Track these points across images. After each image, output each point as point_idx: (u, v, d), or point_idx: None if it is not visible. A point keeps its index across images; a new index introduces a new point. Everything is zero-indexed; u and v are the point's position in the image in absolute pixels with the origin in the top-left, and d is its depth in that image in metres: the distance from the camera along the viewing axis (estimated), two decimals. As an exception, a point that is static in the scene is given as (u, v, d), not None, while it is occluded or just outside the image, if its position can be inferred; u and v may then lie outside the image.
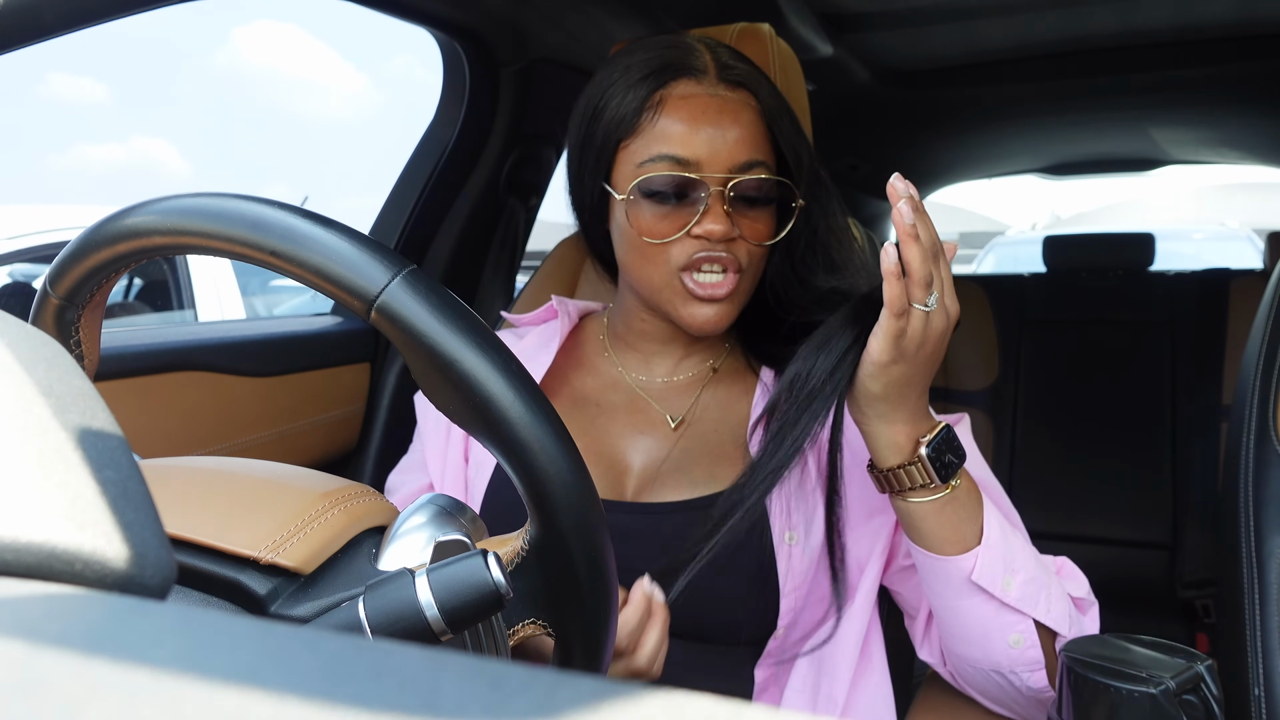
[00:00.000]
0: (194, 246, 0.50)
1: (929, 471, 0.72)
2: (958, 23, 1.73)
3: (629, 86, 0.83)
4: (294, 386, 1.27)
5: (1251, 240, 5.53)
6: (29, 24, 0.73)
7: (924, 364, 0.70)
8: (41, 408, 0.25)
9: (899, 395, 0.71)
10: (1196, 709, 0.60)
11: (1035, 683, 0.77)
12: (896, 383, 0.70)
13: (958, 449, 0.74)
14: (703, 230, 0.80)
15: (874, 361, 0.69)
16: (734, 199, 0.81)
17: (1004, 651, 0.77)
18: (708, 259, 0.81)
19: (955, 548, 0.74)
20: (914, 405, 0.72)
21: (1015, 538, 0.77)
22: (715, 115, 0.81)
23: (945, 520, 0.74)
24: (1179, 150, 2.78)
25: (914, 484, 0.73)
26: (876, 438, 0.73)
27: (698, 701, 0.16)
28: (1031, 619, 0.75)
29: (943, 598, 0.78)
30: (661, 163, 0.80)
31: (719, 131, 0.80)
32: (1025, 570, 0.75)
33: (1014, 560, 0.75)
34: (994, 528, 0.75)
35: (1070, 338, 2.48)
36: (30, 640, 0.17)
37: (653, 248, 0.82)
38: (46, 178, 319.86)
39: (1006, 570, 0.75)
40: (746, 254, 0.82)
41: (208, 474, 0.53)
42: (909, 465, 0.73)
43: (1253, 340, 0.93)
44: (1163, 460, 2.29)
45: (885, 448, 0.73)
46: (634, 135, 0.83)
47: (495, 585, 0.46)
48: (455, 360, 0.46)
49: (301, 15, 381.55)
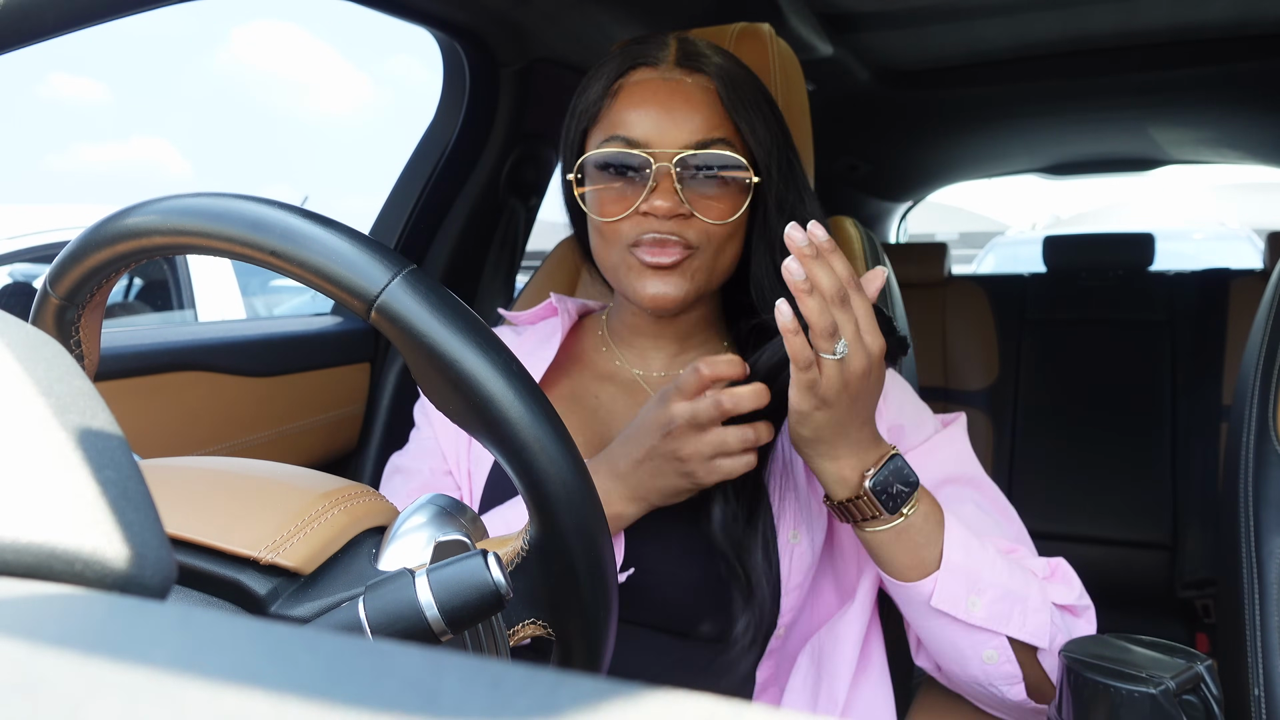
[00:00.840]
0: (194, 246, 0.50)
1: (875, 504, 0.72)
2: (958, 23, 1.73)
3: (595, 80, 0.86)
4: (294, 386, 1.27)
5: (1251, 240, 5.53)
6: (29, 24, 0.73)
7: (850, 404, 0.69)
8: (41, 408, 0.25)
9: (834, 435, 0.70)
10: (1196, 709, 0.60)
11: (1014, 696, 0.77)
12: (825, 426, 0.69)
13: (906, 477, 0.73)
14: (649, 206, 0.80)
15: (795, 410, 0.69)
16: (687, 177, 0.81)
17: (980, 667, 0.77)
18: (657, 240, 0.81)
19: (915, 573, 0.75)
20: (855, 439, 0.72)
21: (983, 554, 0.76)
22: (666, 97, 0.82)
23: (902, 548, 0.74)
24: (1179, 150, 2.78)
25: (864, 515, 0.73)
26: (823, 474, 0.74)
27: (698, 701, 0.16)
28: (1004, 635, 0.75)
29: (914, 617, 0.79)
30: (613, 143, 0.82)
31: (667, 112, 0.81)
32: (995, 588, 0.75)
33: (980, 579, 0.75)
34: (956, 549, 0.75)
35: (1070, 338, 2.49)
36: (30, 640, 0.17)
37: (607, 227, 0.83)
38: (46, 178, 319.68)
39: (971, 591, 0.74)
40: (701, 233, 0.82)
41: (208, 474, 0.53)
42: (856, 499, 0.73)
43: (1253, 340, 0.93)
44: (1163, 460, 2.29)
45: (832, 482, 0.73)
46: (595, 124, 0.85)
47: (495, 585, 0.46)
48: (455, 360, 0.46)
49: (302, 15, 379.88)
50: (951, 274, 2.73)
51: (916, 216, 3.71)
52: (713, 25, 1.06)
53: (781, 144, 0.86)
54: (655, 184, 0.80)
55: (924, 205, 3.56)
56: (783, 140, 0.86)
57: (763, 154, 0.84)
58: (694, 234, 0.81)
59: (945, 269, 2.66)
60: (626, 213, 0.81)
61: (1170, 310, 2.41)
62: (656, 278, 0.82)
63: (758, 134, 0.84)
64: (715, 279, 0.85)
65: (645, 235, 0.81)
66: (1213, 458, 2.21)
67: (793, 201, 0.86)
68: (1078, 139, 2.68)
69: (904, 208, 3.49)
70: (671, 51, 0.85)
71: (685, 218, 0.81)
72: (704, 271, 0.83)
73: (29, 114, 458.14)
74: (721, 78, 0.84)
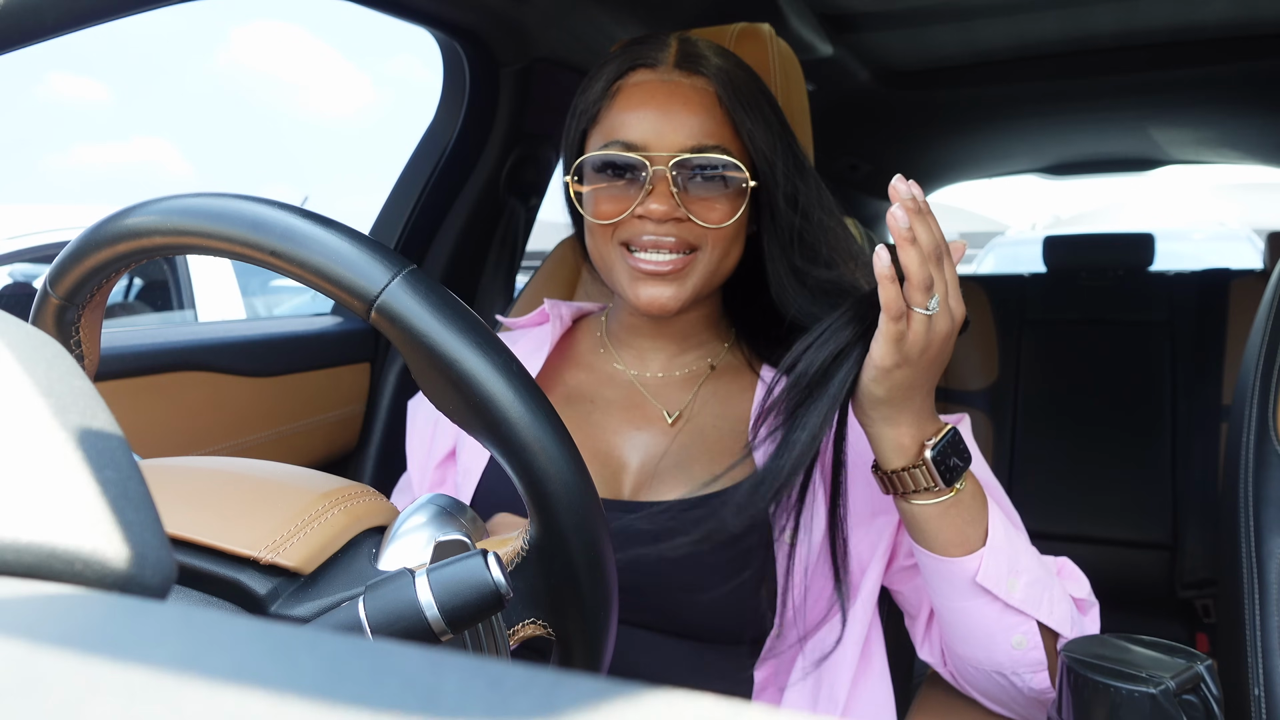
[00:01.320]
0: (194, 246, 0.50)
1: (933, 475, 0.72)
2: (958, 23, 1.73)
3: (595, 80, 0.86)
4: (294, 386, 1.27)
5: (1251, 240, 5.53)
6: (29, 24, 0.73)
7: (928, 367, 0.69)
8: (41, 408, 0.25)
9: (903, 398, 0.70)
10: (1196, 709, 0.60)
11: (1038, 684, 0.77)
12: (900, 386, 0.69)
13: (963, 452, 0.73)
14: (644, 210, 0.80)
15: (877, 365, 0.68)
16: (683, 180, 0.81)
17: (1007, 653, 0.77)
18: (653, 243, 0.81)
19: (960, 550, 0.74)
20: (919, 407, 0.72)
21: (1018, 539, 0.77)
22: (664, 100, 0.82)
23: (950, 522, 0.74)
24: (1179, 150, 2.78)
25: (918, 487, 0.72)
26: (881, 440, 0.73)
27: (698, 701, 0.16)
28: (1035, 620, 0.75)
29: (947, 599, 0.78)
30: (611, 146, 0.82)
31: (665, 115, 0.82)
32: (1029, 572, 0.75)
33: (1018, 562, 0.75)
34: (999, 529, 0.75)
35: (1070, 338, 2.48)
36: (30, 640, 0.17)
37: (603, 229, 0.84)
38: (46, 178, 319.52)
39: (1011, 572, 0.74)
40: (699, 235, 0.82)
41: (208, 474, 0.53)
42: (913, 468, 0.72)
43: (1253, 340, 0.93)
44: (1163, 460, 2.29)
45: (890, 450, 0.73)
46: (594, 124, 0.85)
47: (495, 585, 0.46)
48: (455, 360, 0.46)
49: (302, 15, 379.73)
50: (951, 274, 2.73)
51: (916, 216, 3.70)
52: (713, 25, 1.06)
53: (785, 142, 0.86)
54: (651, 187, 0.80)
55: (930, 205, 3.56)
56: (785, 139, 0.86)
57: (763, 155, 0.84)
58: (692, 235, 0.82)
59: (945, 269, 2.65)
60: (623, 215, 0.82)
61: (1170, 310, 2.41)
62: (652, 282, 0.82)
63: (757, 136, 0.84)
64: (715, 281, 0.86)
65: (642, 237, 0.81)
66: (1213, 458, 2.21)
67: (806, 197, 0.86)
68: (1078, 139, 2.68)
69: (904, 208, 3.48)
70: (671, 53, 0.85)
71: (681, 221, 0.81)
72: (704, 275, 0.84)
73: (29, 114, 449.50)
74: (721, 80, 0.84)
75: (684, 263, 0.82)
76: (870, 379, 0.70)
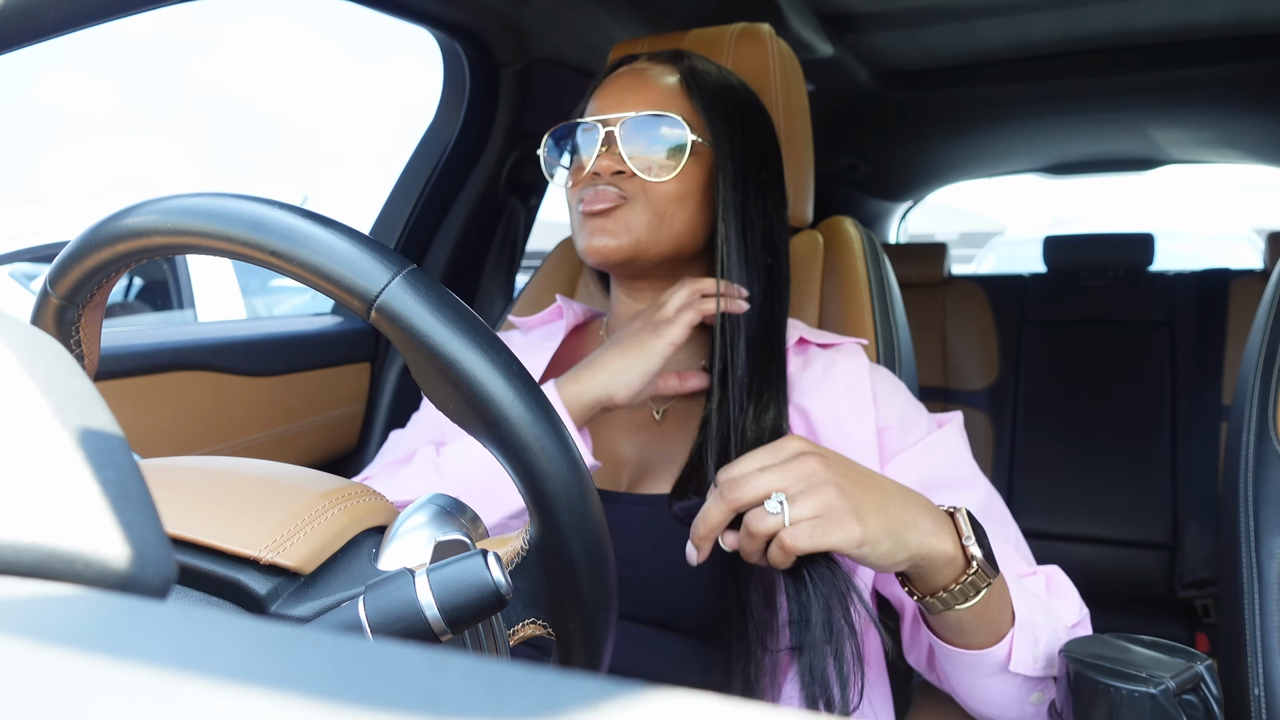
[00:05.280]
0: (194, 246, 0.50)
1: (989, 568, 0.64)
2: (958, 23, 1.73)
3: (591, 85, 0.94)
4: (294, 386, 1.27)
5: (1251, 240, 5.53)
6: (29, 24, 0.73)
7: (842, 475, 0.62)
8: (41, 408, 0.25)
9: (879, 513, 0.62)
10: (1196, 709, 0.60)
11: None
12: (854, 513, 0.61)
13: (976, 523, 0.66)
14: (597, 166, 0.85)
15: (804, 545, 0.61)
16: (629, 138, 0.85)
17: (1020, 709, 0.74)
18: (598, 194, 0.85)
19: (993, 638, 0.69)
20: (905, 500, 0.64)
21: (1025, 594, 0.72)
22: (627, 80, 0.89)
23: (988, 612, 0.67)
24: (1179, 150, 2.78)
25: (977, 589, 0.65)
26: (929, 563, 0.63)
27: (698, 701, 0.16)
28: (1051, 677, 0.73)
29: (966, 676, 0.73)
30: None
31: (626, 90, 0.88)
32: (1044, 629, 0.71)
33: (1036, 625, 0.70)
34: (1018, 599, 0.70)
35: (1070, 338, 2.49)
36: (30, 640, 0.17)
37: (570, 197, 0.89)
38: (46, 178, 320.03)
39: (1034, 641, 0.70)
40: (638, 187, 0.85)
41: (208, 474, 0.53)
42: (967, 576, 0.64)
43: (1253, 340, 0.93)
44: (1163, 460, 2.29)
45: (943, 566, 0.64)
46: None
47: (495, 585, 0.46)
48: (455, 360, 0.46)
49: (302, 15, 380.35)
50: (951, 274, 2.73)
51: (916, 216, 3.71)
52: (713, 25, 1.06)
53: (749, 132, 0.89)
54: (604, 147, 0.85)
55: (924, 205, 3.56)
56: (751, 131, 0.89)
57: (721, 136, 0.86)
58: (631, 186, 0.85)
59: (945, 269, 2.66)
60: (581, 176, 0.87)
61: (1170, 310, 2.41)
62: (595, 230, 0.85)
63: (715, 120, 0.87)
64: (662, 242, 0.87)
65: (592, 190, 0.85)
66: (1213, 458, 2.21)
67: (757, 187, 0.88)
68: (1078, 139, 2.68)
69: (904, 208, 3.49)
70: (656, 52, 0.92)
71: (627, 176, 0.85)
72: (645, 228, 0.85)
73: (29, 114, 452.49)
74: (689, 72, 0.89)
75: (617, 200, 0.84)
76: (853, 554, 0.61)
